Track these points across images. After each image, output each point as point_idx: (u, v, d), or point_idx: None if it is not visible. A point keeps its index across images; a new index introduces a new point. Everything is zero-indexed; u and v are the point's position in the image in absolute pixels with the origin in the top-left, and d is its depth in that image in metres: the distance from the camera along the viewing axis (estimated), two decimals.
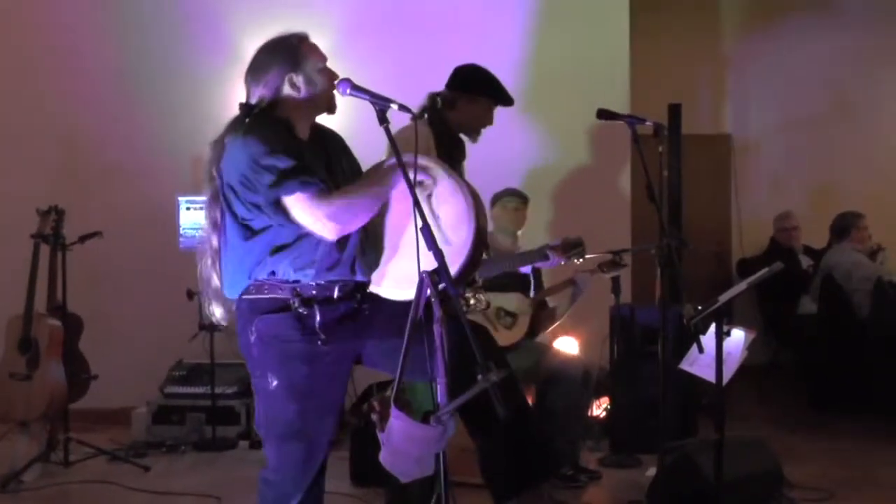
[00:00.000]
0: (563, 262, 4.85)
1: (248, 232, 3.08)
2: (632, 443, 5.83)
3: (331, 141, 3.35)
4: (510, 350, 5.09)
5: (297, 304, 3.08)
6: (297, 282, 3.08)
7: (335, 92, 3.17)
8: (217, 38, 6.83)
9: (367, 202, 3.11)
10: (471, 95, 4.44)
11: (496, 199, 5.67)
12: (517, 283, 5.36)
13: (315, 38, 3.29)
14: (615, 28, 7.15)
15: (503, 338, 5.17)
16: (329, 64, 3.25)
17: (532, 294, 5.42)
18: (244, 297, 3.14)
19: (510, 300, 5.29)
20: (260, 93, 3.18)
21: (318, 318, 3.08)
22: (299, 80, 3.17)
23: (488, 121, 4.51)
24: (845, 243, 7.21)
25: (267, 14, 6.49)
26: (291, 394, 3.10)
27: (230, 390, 6.35)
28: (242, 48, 3.17)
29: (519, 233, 5.63)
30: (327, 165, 3.23)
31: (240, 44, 6.41)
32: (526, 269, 5.14)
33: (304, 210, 2.99)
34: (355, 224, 3.10)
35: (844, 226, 7.29)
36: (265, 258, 3.08)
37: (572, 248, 4.80)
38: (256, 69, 3.21)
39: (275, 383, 3.10)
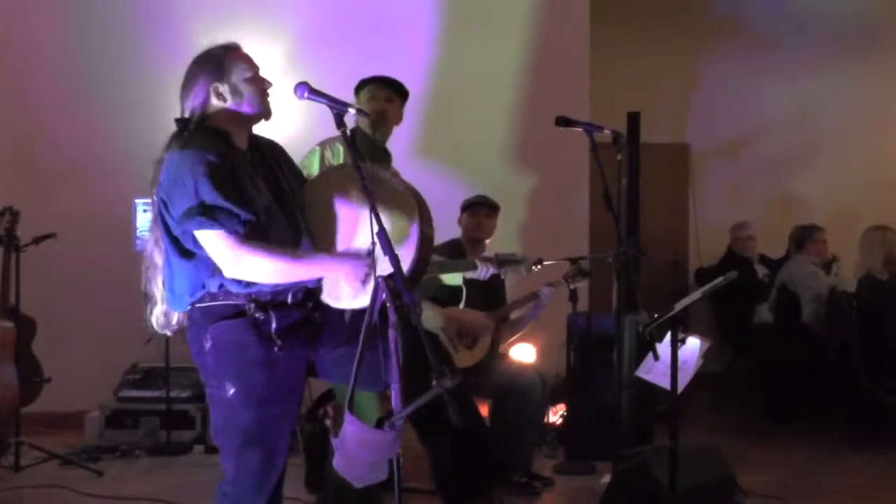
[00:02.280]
0: (494, 272, 4.84)
1: (181, 250, 3.04)
2: (587, 450, 5.84)
3: (268, 149, 3.30)
4: (471, 370, 5.09)
5: (252, 310, 3.04)
6: (251, 285, 3.04)
7: (268, 97, 3.17)
8: (177, 39, 6.75)
9: (282, 268, 3.03)
10: (356, 96, 4.44)
11: (466, 206, 5.63)
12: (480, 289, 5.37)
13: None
14: (576, 38, 7.19)
15: (462, 358, 5.17)
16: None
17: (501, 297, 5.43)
18: (197, 305, 3.09)
19: (472, 318, 5.27)
20: (190, 105, 3.15)
21: (273, 323, 3.05)
22: (224, 89, 3.13)
23: (377, 104, 4.38)
24: (802, 255, 7.29)
25: (227, 16, 6.45)
26: (250, 401, 3.06)
27: (185, 394, 6.30)
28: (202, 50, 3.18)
29: (488, 241, 5.59)
30: (269, 174, 3.20)
31: (200, 46, 6.30)
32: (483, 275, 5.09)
33: (211, 247, 2.95)
34: (259, 280, 3.01)
35: (802, 237, 7.38)
36: (206, 279, 3.04)
37: (508, 262, 4.78)
38: (185, 82, 3.18)
39: (232, 391, 3.05)
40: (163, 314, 3.20)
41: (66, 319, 6.75)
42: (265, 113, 3.21)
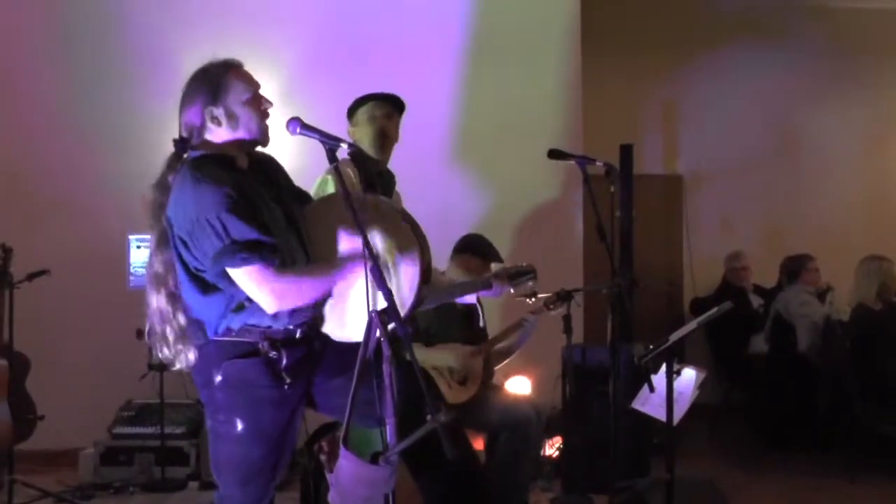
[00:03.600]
0: (511, 291, 4.57)
1: (203, 286, 3.01)
2: (584, 482, 5.82)
3: (267, 165, 3.28)
4: (463, 406, 5.06)
5: (266, 348, 3.04)
6: (269, 327, 3.04)
7: (267, 118, 3.15)
8: (170, 73, 6.71)
9: (317, 285, 3.06)
10: (352, 120, 4.33)
11: (459, 250, 5.45)
12: (458, 318, 5.34)
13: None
14: (568, 70, 7.22)
15: (456, 395, 5.14)
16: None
17: (481, 323, 5.39)
18: (211, 338, 3.07)
19: (454, 356, 5.23)
20: (187, 125, 3.13)
21: (284, 360, 3.05)
22: (219, 112, 3.10)
23: (377, 124, 4.27)
24: (797, 285, 7.30)
25: (220, 51, 6.46)
26: (258, 438, 3.07)
27: (179, 430, 6.27)
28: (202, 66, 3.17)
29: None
30: (273, 192, 3.18)
31: None
32: (471, 300, 5.01)
33: (251, 284, 2.93)
34: (300, 304, 3.03)
35: (794, 268, 7.38)
36: (229, 314, 3.03)
37: (519, 275, 4.55)
38: (183, 100, 3.16)
39: (241, 427, 3.05)
40: (176, 345, 3.11)
41: (60, 356, 6.72)
42: (262, 139, 3.17)
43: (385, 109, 4.31)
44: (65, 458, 6.52)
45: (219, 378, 3.05)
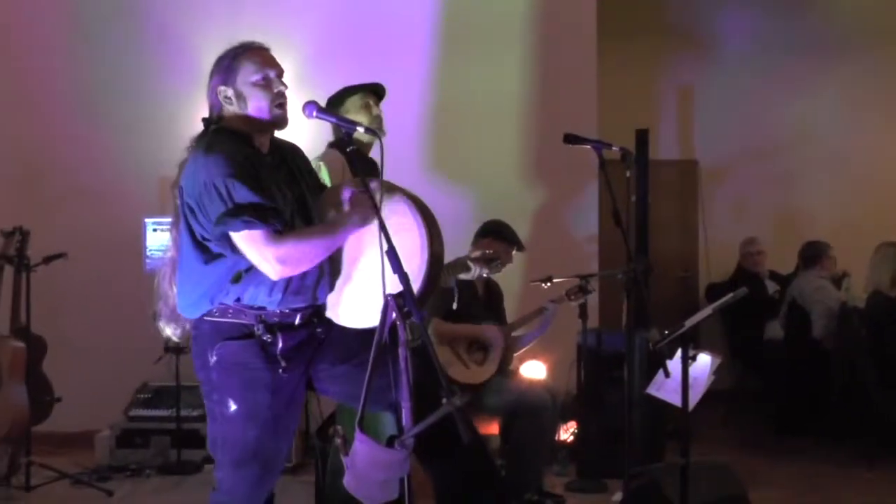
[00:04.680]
0: (485, 275, 4.59)
1: (207, 255, 3.04)
2: (598, 467, 5.83)
3: (290, 154, 3.30)
4: (479, 388, 5.08)
5: (261, 332, 3.05)
6: (262, 308, 3.05)
7: (281, 101, 3.16)
8: (184, 60, 6.79)
9: (318, 246, 3.06)
10: (341, 108, 4.35)
11: (481, 235, 5.47)
12: (481, 299, 5.37)
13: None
14: (583, 54, 7.19)
15: (474, 375, 5.16)
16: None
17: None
18: (206, 318, 3.10)
19: (483, 332, 5.26)
20: (210, 104, 3.19)
21: (280, 345, 3.06)
22: (230, 92, 3.13)
23: (371, 112, 4.36)
24: (813, 270, 7.26)
25: (233, 36, 6.45)
26: (251, 420, 3.08)
27: (195, 413, 6.28)
28: (209, 71, 3.18)
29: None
30: (292, 180, 3.19)
31: (207, 66, 6.35)
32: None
33: (251, 249, 2.95)
34: (302, 267, 3.05)
35: (813, 254, 7.32)
36: (227, 285, 3.04)
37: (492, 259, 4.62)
38: (209, 81, 3.20)
39: (234, 408, 3.07)
40: (174, 321, 3.21)
41: (77, 339, 6.75)
42: (276, 121, 3.17)
43: (375, 98, 4.43)
44: (81, 441, 6.55)
45: (214, 359, 3.07)
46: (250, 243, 2.94)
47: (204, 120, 3.18)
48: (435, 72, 6.98)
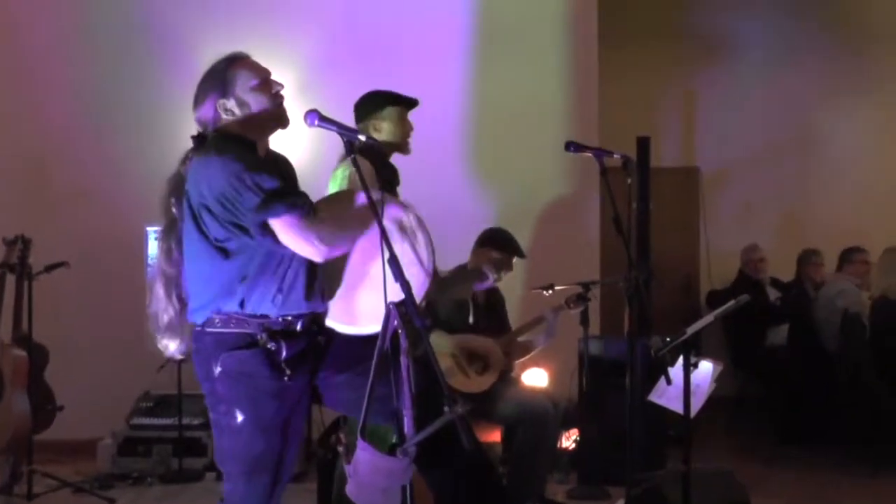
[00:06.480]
0: (495, 277, 4.67)
1: (222, 254, 3.03)
2: (600, 475, 5.82)
3: (283, 165, 3.30)
4: (480, 396, 5.08)
5: (264, 340, 3.05)
6: (265, 316, 3.05)
7: (281, 100, 3.18)
8: (187, 66, 6.72)
9: (353, 227, 3.11)
10: (378, 114, 4.28)
11: (481, 244, 5.44)
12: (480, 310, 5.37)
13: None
14: (584, 63, 7.20)
15: (474, 384, 5.16)
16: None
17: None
18: (208, 329, 3.09)
19: (482, 343, 5.27)
20: (202, 121, 3.17)
21: (284, 352, 3.06)
22: (231, 104, 3.13)
23: (406, 127, 4.31)
24: (842, 274, 7.13)
25: (239, 44, 6.45)
26: (259, 430, 3.07)
27: (197, 421, 6.28)
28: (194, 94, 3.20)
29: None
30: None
31: None
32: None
33: (293, 232, 2.97)
34: (342, 248, 3.08)
35: (846, 258, 7.20)
36: (235, 286, 3.04)
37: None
38: (195, 101, 3.19)
39: (241, 418, 3.06)
40: (174, 335, 3.18)
41: (79, 347, 6.75)
42: (279, 117, 3.20)
43: (409, 111, 4.36)
44: (83, 449, 6.55)
45: (218, 370, 3.06)
46: (291, 227, 2.96)
47: (195, 138, 3.17)
48: (437, 81, 6.97)
